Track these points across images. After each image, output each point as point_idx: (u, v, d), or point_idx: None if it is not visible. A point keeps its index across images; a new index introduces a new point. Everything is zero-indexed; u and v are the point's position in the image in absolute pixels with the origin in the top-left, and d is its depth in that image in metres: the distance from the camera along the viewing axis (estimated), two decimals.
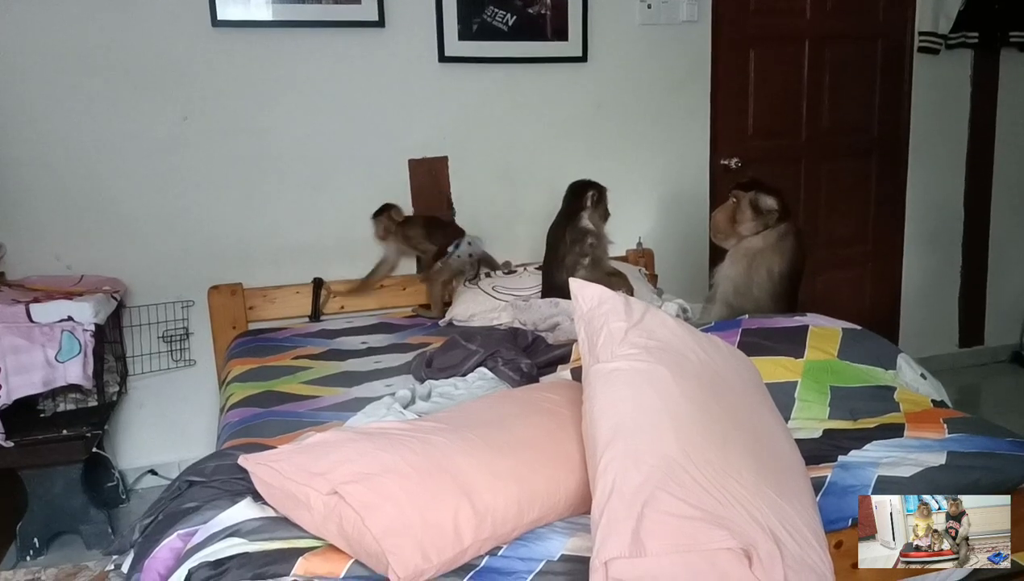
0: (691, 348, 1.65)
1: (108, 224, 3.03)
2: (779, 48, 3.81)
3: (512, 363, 2.33)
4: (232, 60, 3.07)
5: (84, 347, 2.61)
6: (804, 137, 3.92)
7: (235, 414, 2.28)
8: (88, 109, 2.95)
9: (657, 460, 1.37)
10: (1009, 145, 4.17)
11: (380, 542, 1.31)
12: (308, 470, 1.44)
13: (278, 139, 3.16)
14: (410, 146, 3.33)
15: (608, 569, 1.27)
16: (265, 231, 3.20)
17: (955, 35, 3.91)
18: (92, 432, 2.71)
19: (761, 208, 2.74)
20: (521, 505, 1.46)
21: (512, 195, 3.49)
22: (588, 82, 3.50)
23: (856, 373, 2.14)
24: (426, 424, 1.62)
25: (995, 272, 4.30)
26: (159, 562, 1.50)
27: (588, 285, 1.69)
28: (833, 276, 4.01)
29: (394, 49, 3.23)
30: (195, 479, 1.68)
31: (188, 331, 3.15)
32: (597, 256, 2.95)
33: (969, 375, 4.20)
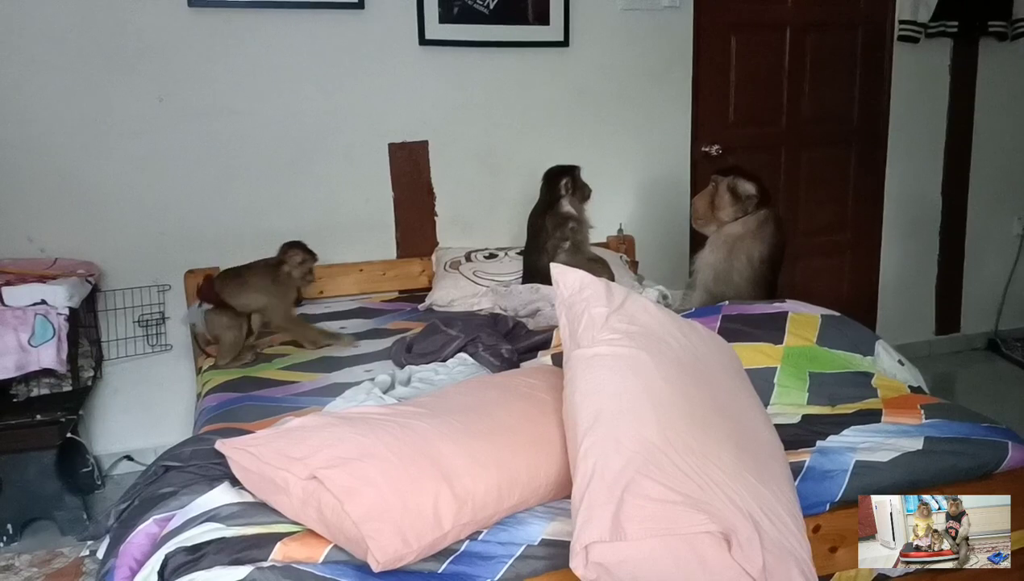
0: (672, 334, 1.65)
1: (82, 206, 2.98)
2: (760, 35, 3.81)
3: (493, 349, 2.33)
4: (209, 41, 3.02)
5: (58, 331, 2.58)
6: (784, 125, 3.92)
7: (212, 399, 2.26)
8: (61, 89, 2.90)
9: (637, 445, 1.37)
10: (986, 135, 4.20)
11: (359, 527, 1.30)
12: (287, 455, 1.43)
13: (256, 121, 3.12)
14: (390, 130, 3.30)
15: (588, 553, 1.27)
16: (242, 215, 3.16)
17: (935, 24, 3.93)
18: (66, 417, 2.68)
19: (739, 193, 2.74)
20: (501, 490, 1.46)
21: (493, 180, 3.47)
22: (570, 67, 3.48)
23: (835, 359, 2.15)
24: (406, 409, 1.61)
25: (971, 261, 4.34)
26: (135, 547, 1.49)
27: (569, 270, 1.69)
28: (812, 263, 4.04)
29: (374, 31, 3.19)
30: (172, 464, 1.67)
31: (164, 315, 3.11)
32: (578, 241, 2.95)
33: (945, 362, 4.24)
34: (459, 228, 3.40)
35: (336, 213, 3.27)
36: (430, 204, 3.39)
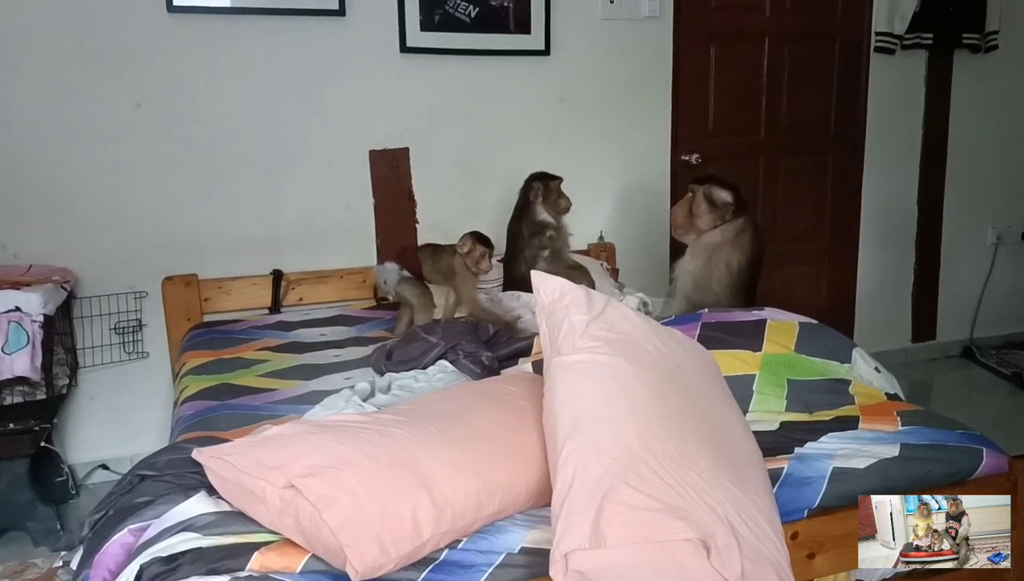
0: (652, 341, 1.65)
1: (58, 212, 2.94)
2: (739, 45, 3.84)
3: (473, 356, 2.32)
4: (188, 46, 3.00)
5: (32, 338, 2.55)
6: (763, 134, 3.95)
7: (189, 407, 2.23)
8: (37, 94, 2.87)
9: (617, 452, 1.37)
10: (961, 145, 4.26)
11: (337, 536, 1.29)
12: (264, 463, 1.42)
13: (235, 128, 3.10)
14: (371, 137, 3.29)
15: (568, 561, 1.27)
16: (221, 221, 3.14)
17: (910, 36, 3.98)
18: (40, 426, 2.65)
19: (716, 201, 2.76)
20: (481, 498, 1.45)
21: (474, 187, 3.47)
22: (551, 76, 3.49)
23: (812, 366, 2.17)
24: (385, 417, 1.61)
25: (947, 269, 4.39)
26: (109, 558, 1.47)
27: (550, 278, 1.69)
28: (790, 271, 4.06)
29: (355, 38, 3.19)
30: (147, 473, 1.65)
31: (141, 323, 3.08)
32: (557, 248, 2.95)
33: (921, 369, 4.29)
34: (440, 235, 3.37)
35: (316, 220, 3.25)
36: (411, 211, 3.39)
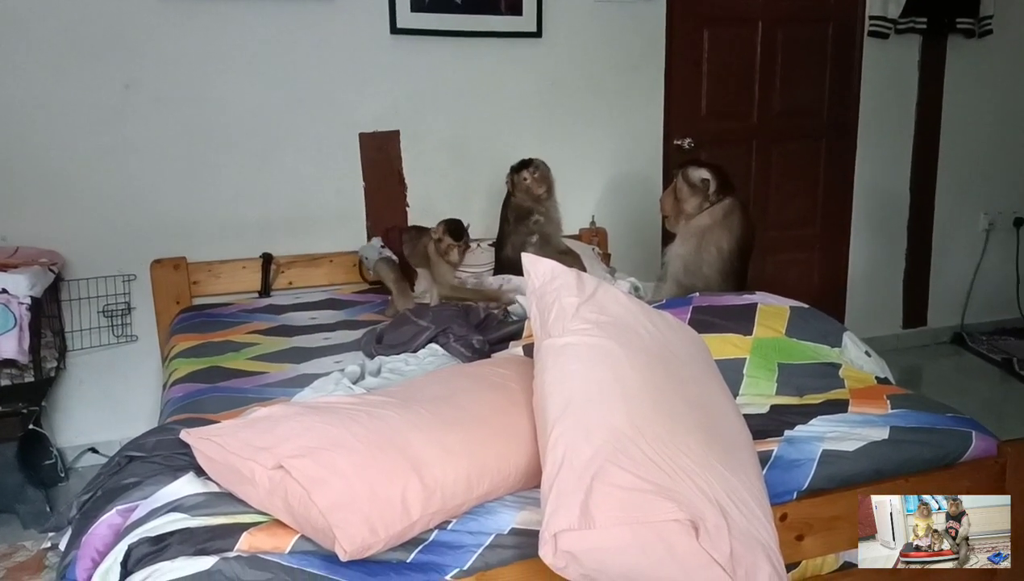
0: (642, 324, 1.65)
1: (46, 194, 2.92)
2: (733, 29, 3.82)
3: (463, 339, 2.32)
4: (177, 28, 2.97)
5: (19, 321, 2.53)
6: (756, 119, 3.94)
7: (178, 389, 2.23)
8: (25, 75, 2.84)
9: (607, 433, 1.37)
10: (954, 131, 4.25)
11: (327, 516, 1.29)
12: (253, 444, 1.41)
13: (224, 110, 3.08)
14: (361, 120, 3.27)
15: (557, 541, 1.27)
16: (210, 204, 3.12)
17: (904, 20, 3.97)
18: (28, 409, 2.64)
19: (693, 181, 2.75)
20: (471, 479, 1.45)
21: (465, 171, 3.45)
22: (543, 58, 3.47)
23: (803, 350, 2.17)
24: (375, 398, 1.60)
25: (938, 256, 4.40)
26: (97, 538, 1.46)
27: (541, 260, 1.68)
28: (782, 257, 4.06)
29: (345, 20, 3.16)
30: (135, 454, 1.64)
31: (130, 306, 3.06)
32: (546, 233, 2.95)
33: (912, 355, 4.30)
34: (431, 218, 3.36)
35: (306, 203, 3.23)
36: (401, 194, 3.37)
